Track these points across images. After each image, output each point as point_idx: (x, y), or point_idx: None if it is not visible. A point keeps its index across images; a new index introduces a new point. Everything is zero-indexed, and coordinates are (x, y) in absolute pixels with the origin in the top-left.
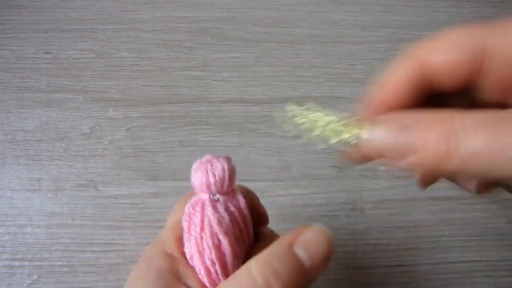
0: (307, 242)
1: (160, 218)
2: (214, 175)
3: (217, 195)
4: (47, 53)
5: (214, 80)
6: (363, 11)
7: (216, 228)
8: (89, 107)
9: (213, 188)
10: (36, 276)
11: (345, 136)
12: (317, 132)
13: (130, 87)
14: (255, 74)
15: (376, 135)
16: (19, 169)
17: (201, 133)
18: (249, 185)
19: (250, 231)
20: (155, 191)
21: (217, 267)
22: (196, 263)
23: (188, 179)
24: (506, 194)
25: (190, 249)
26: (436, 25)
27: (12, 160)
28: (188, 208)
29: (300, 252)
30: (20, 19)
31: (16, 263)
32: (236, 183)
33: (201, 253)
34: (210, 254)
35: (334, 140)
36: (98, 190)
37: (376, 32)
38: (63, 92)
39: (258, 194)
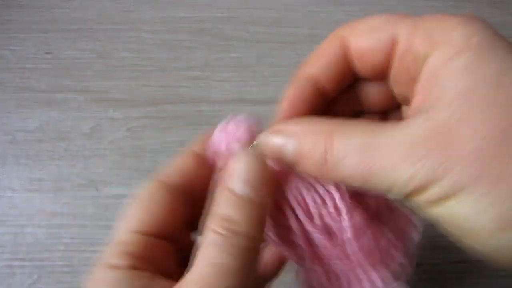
0: (241, 173)
1: None
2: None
3: None
4: (47, 53)
5: (214, 80)
6: (363, 11)
7: None
8: (89, 107)
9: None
10: (36, 276)
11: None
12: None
13: (131, 87)
14: (255, 74)
15: (272, 142)
16: (20, 169)
17: (201, 133)
18: None
19: None
20: None
21: None
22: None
23: None
24: None
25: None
26: None
27: (13, 160)
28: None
29: (240, 187)
30: (20, 19)
31: (17, 263)
32: None
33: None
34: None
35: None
36: (98, 190)
37: None
38: (64, 92)
39: None
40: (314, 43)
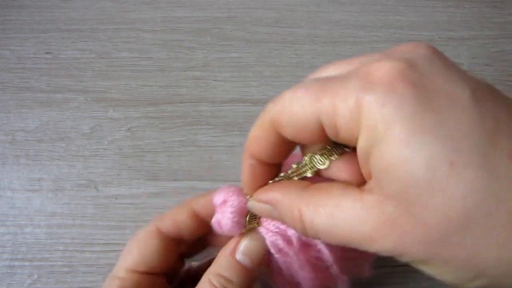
0: (246, 248)
1: None
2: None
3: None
4: (47, 53)
5: (214, 80)
6: (363, 11)
7: None
8: (89, 107)
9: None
10: (36, 276)
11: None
12: None
13: (130, 87)
14: (255, 74)
15: (255, 207)
16: (20, 169)
17: (201, 133)
18: None
19: None
20: (155, 191)
21: None
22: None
23: (187, 179)
24: None
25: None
26: (436, 25)
27: (13, 160)
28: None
29: (241, 258)
30: (20, 19)
31: (17, 263)
32: (235, 183)
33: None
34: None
35: None
36: (98, 190)
37: (376, 32)
38: (64, 92)
39: None
40: (314, 43)
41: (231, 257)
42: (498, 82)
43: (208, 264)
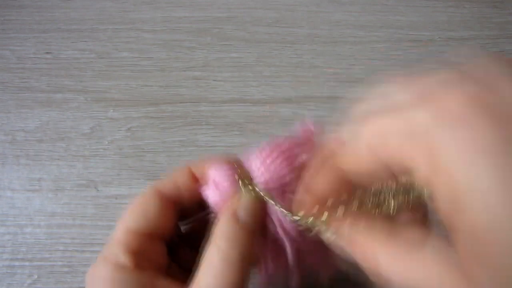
0: (246, 208)
1: None
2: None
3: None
4: (47, 53)
5: (214, 80)
6: (363, 11)
7: None
8: (89, 107)
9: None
10: (36, 276)
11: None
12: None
13: (130, 87)
14: (255, 74)
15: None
16: (20, 169)
17: (201, 133)
18: None
19: None
20: None
21: None
22: None
23: None
24: None
25: None
26: (436, 25)
27: (12, 160)
28: None
29: (244, 219)
30: (20, 19)
31: (17, 263)
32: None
33: None
34: None
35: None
36: (98, 190)
37: (376, 32)
38: (64, 92)
39: None
40: (314, 43)
41: (234, 221)
42: None
43: (199, 226)
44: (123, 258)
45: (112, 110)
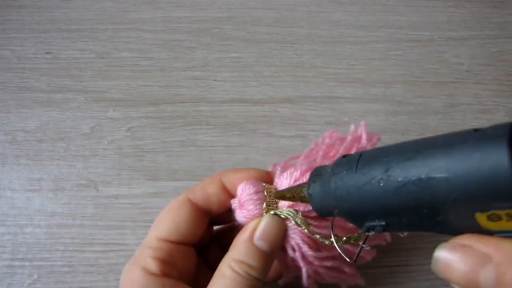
0: (263, 232)
1: None
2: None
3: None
4: (47, 53)
5: (214, 80)
6: (363, 11)
7: None
8: (89, 107)
9: None
10: (36, 276)
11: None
12: None
13: (130, 87)
14: (255, 74)
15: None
16: (20, 169)
17: (201, 133)
18: None
19: None
20: (155, 191)
21: None
22: None
23: (187, 179)
24: None
25: None
26: (436, 25)
27: (13, 160)
28: None
29: (260, 243)
30: (20, 19)
31: (17, 263)
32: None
33: None
34: None
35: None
36: (98, 190)
37: (376, 32)
38: (64, 92)
39: None
40: (314, 43)
41: (250, 242)
42: (498, 82)
43: (231, 227)
44: (151, 264)
45: (112, 110)
